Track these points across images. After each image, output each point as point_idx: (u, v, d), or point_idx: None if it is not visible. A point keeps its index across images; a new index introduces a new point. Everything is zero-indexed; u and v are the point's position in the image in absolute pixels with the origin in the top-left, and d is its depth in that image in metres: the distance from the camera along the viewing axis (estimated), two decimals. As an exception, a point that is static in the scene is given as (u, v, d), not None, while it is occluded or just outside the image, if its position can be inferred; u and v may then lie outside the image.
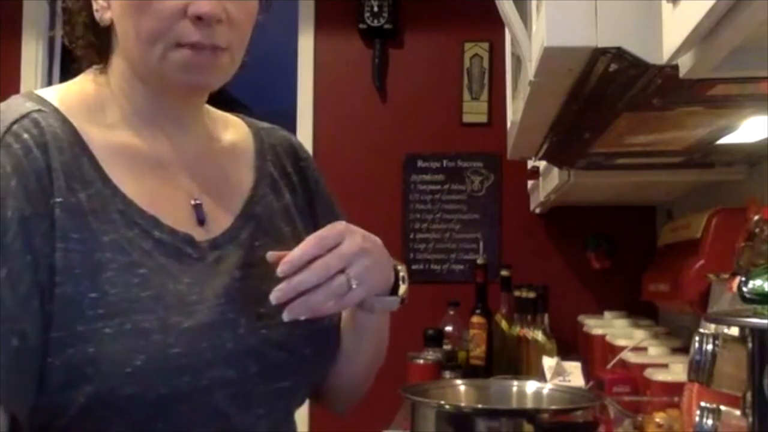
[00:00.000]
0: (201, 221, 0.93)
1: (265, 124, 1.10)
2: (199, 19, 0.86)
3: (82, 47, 0.95)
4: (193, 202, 0.94)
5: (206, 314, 0.86)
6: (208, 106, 1.03)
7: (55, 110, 0.88)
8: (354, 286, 0.87)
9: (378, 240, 0.93)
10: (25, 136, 0.83)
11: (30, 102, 0.88)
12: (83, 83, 0.95)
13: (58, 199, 0.82)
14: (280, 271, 0.84)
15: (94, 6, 0.91)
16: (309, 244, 0.86)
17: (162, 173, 0.93)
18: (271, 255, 0.89)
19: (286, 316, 0.84)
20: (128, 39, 0.89)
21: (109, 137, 0.91)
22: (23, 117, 0.85)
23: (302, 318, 0.86)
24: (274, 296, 0.84)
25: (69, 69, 1.00)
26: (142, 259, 0.85)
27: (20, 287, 0.78)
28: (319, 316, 0.89)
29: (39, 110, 0.87)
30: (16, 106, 0.87)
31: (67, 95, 0.92)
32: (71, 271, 0.81)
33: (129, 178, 0.89)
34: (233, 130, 1.05)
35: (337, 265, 0.86)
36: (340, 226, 0.90)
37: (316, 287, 0.85)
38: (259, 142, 1.05)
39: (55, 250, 0.81)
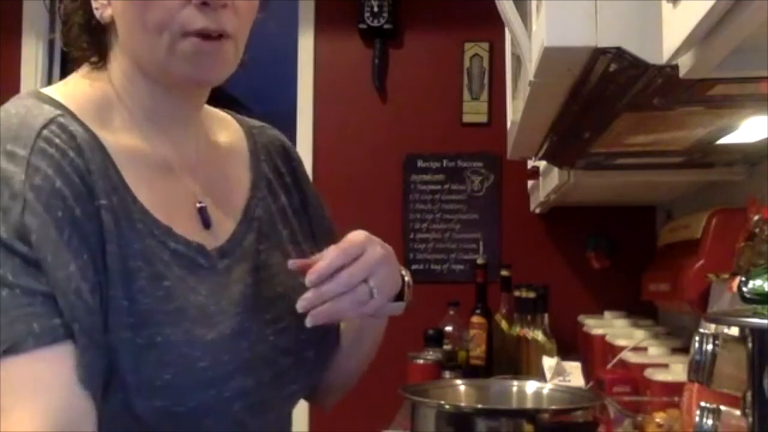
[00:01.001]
0: (207, 225, 0.93)
1: (256, 123, 1.09)
2: (204, 4, 0.85)
3: (79, 49, 0.93)
4: (198, 205, 0.93)
5: (227, 325, 0.87)
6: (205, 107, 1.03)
7: (73, 114, 0.86)
8: (375, 296, 0.88)
9: (390, 248, 0.94)
10: (57, 140, 0.81)
11: (46, 105, 0.86)
12: (81, 84, 0.92)
13: (103, 201, 0.81)
14: (308, 281, 0.86)
15: (94, 5, 0.90)
16: (335, 254, 0.88)
17: (168, 176, 0.92)
18: (293, 263, 0.90)
19: (309, 322, 0.86)
20: (133, 33, 0.88)
21: (120, 141, 0.89)
22: (50, 122, 0.82)
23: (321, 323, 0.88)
24: (301, 305, 0.85)
25: (68, 70, 1.00)
26: (165, 271, 0.85)
27: (87, 284, 0.78)
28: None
29: (62, 114, 0.85)
30: (36, 109, 0.84)
31: (74, 97, 0.89)
32: (109, 275, 0.80)
33: (141, 184, 0.88)
34: (227, 129, 1.05)
35: (360, 275, 0.87)
36: (361, 236, 0.91)
37: (340, 295, 0.86)
38: (252, 142, 1.05)
39: (106, 252, 0.80)
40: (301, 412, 2.72)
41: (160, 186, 0.90)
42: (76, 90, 0.91)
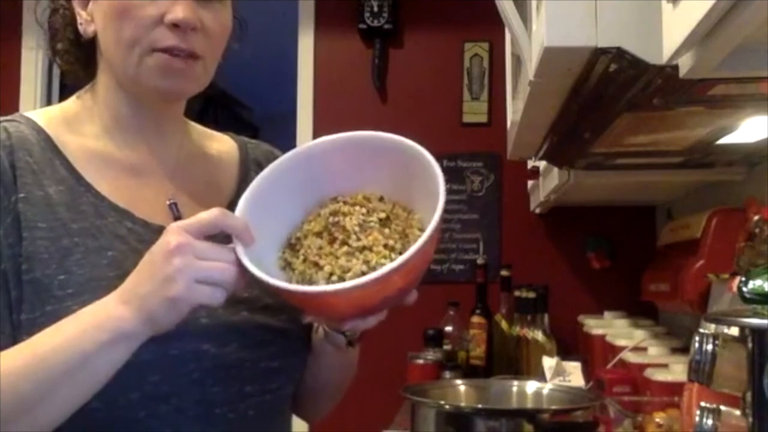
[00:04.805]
0: (177, 218, 0.95)
1: (253, 141, 1.14)
2: (175, 26, 0.91)
3: (67, 62, 1.01)
4: (168, 202, 0.97)
5: None
6: (195, 124, 1.09)
7: (31, 122, 0.96)
8: None
9: None
10: None
11: (7, 117, 0.96)
12: (70, 102, 1.02)
13: (21, 195, 0.89)
14: None
15: (78, 20, 0.97)
16: None
17: (137, 176, 0.98)
18: None
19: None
20: (109, 47, 0.95)
21: (85, 144, 0.97)
22: None
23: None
24: None
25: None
26: (112, 244, 0.90)
27: None
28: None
29: (11, 121, 0.95)
30: None
31: (50, 112, 1.00)
32: (38, 257, 0.87)
33: (103, 179, 0.95)
34: (219, 143, 1.10)
35: None
36: None
37: None
38: (244, 154, 1.09)
39: (23, 239, 0.87)
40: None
41: (127, 183, 0.97)
42: (58, 107, 1.01)
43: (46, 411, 0.81)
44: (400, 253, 0.85)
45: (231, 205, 0.99)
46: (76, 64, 1.01)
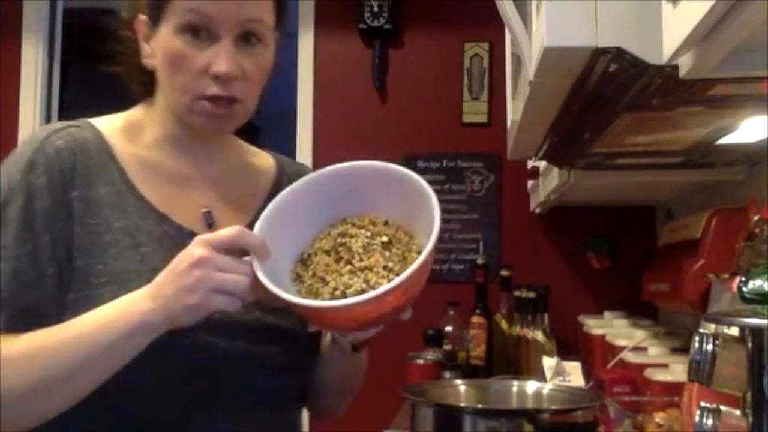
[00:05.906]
0: (210, 224, 1.07)
1: (289, 159, 1.26)
2: (217, 77, 1.02)
3: (136, 83, 1.14)
4: (203, 210, 1.08)
5: None
6: (240, 140, 1.20)
7: (93, 127, 1.08)
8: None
9: None
10: (59, 142, 1.04)
11: (73, 123, 1.08)
12: (132, 112, 1.14)
13: (76, 193, 1.02)
14: None
15: (143, 53, 1.09)
16: None
17: (179, 187, 1.09)
18: None
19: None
20: (164, 87, 1.08)
21: (138, 153, 1.09)
22: (61, 130, 1.06)
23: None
24: None
25: (69, 68, 1.10)
26: (147, 242, 1.02)
27: (40, 258, 0.99)
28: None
29: (76, 126, 1.07)
30: (59, 124, 1.08)
31: (113, 120, 1.12)
32: (85, 248, 1.00)
33: (148, 185, 1.07)
34: (260, 159, 1.21)
35: None
36: None
37: None
38: (280, 171, 1.20)
39: (74, 232, 1.00)
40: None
41: (169, 190, 1.08)
42: (121, 116, 1.14)
43: (71, 385, 0.93)
44: (398, 275, 0.93)
45: (259, 217, 1.06)
46: (141, 86, 1.12)
